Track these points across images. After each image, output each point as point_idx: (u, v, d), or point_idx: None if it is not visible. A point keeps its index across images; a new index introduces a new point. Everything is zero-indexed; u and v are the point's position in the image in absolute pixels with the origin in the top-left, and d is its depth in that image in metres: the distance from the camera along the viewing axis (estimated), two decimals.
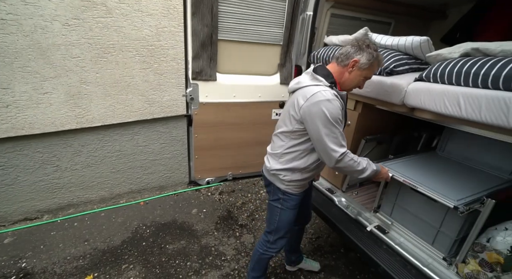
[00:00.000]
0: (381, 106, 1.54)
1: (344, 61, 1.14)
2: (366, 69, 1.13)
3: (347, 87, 1.18)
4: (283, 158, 1.23)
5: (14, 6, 1.65)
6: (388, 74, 1.44)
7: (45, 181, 2.14)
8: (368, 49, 1.11)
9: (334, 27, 2.09)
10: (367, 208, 1.66)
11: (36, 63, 1.82)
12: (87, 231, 2.06)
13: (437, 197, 1.15)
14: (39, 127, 1.97)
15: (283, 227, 1.37)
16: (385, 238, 1.41)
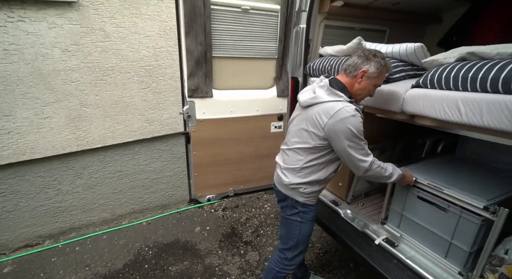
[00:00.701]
0: (381, 115, 1.51)
1: (353, 73, 1.17)
2: (375, 78, 1.16)
3: (358, 97, 1.21)
4: (302, 172, 1.22)
5: (17, 37, 1.71)
6: (385, 82, 1.42)
7: (47, 205, 2.13)
8: (375, 58, 1.14)
9: (328, 38, 2.10)
10: (374, 219, 1.60)
11: (37, 89, 1.86)
12: (88, 255, 2.02)
13: (466, 198, 1.10)
14: (40, 151, 1.98)
15: (303, 241, 1.34)
16: (395, 251, 1.34)
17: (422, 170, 1.37)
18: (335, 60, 1.77)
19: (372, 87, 1.19)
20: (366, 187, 1.87)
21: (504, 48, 0.99)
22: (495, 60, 0.99)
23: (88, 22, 1.89)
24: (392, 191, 1.45)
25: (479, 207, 1.05)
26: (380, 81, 1.20)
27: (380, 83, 1.21)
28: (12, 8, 1.65)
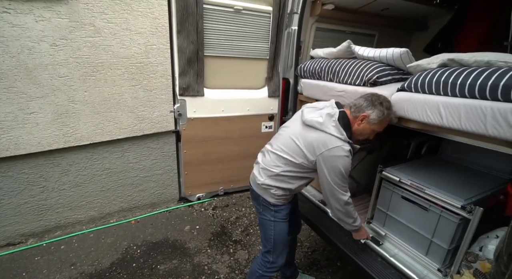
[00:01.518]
0: None
1: (356, 113, 1.21)
2: (375, 124, 1.19)
3: (356, 137, 1.24)
4: (277, 178, 1.26)
5: (1, 29, 1.66)
6: (372, 85, 1.46)
7: (31, 202, 2.07)
8: (380, 106, 1.17)
9: (319, 40, 2.14)
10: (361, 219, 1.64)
11: (22, 83, 1.81)
12: (74, 254, 1.98)
13: (446, 198, 1.16)
14: (25, 147, 1.93)
15: (280, 241, 1.36)
16: (380, 250, 1.38)
17: (407, 170, 1.42)
18: (325, 62, 1.80)
19: (371, 131, 1.22)
20: (353, 187, 1.91)
21: (480, 56, 1.04)
22: (472, 67, 1.04)
23: (78, 16, 1.86)
24: (378, 192, 1.50)
25: (457, 206, 1.10)
26: (380, 128, 1.23)
27: (380, 130, 1.23)
28: None
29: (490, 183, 1.31)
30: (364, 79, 1.49)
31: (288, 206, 1.35)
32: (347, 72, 1.62)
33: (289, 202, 1.37)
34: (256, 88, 1.94)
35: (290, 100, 2.16)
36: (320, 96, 1.86)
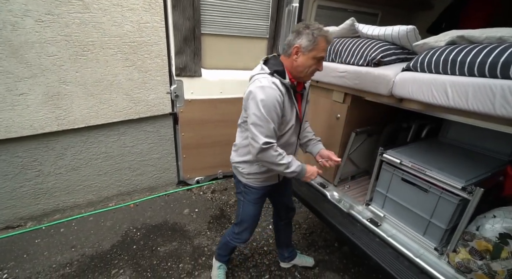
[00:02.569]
0: (370, 98, 1.53)
1: (288, 51, 1.11)
2: (312, 51, 1.06)
3: (301, 74, 1.12)
4: (240, 150, 1.25)
5: None
6: (376, 65, 1.42)
7: (27, 186, 2.05)
8: (306, 30, 1.05)
9: (321, 19, 2.05)
10: (359, 201, 1.66)
11: (8, 62, 1.72)
12: (74, 236, 1.99)
13: (446, 179, 1.16)
14: (16, 130, 1.87)
15: (246, 220, 1.40)
16: (378, 230, 1.41)
17: (407, 153, 1.41)
18: None
19: (313, 61, 1.08)
20: (352, 170, 1.92)
21: (492, 32, 0.99)
22: (483, 44, 1.00)
23: None
24: (378, 174, 1.50)
25: (458, 188, 1.10)
26: (320, 53, 1.07)
27: (321, 55, 1.08)
28: None
29: (489, 164, 1.32)
30: (367, 59, 1.44)
31: (259, 191, 1.31)
32: (349, 52, 1.57)
33: (264, 187, 1.31)
34: None
35: None
36: (320, 78, 1.81)
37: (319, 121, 1.92)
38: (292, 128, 1.19)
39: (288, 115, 1.13)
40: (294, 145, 1.29)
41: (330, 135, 1.84)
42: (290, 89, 1.10)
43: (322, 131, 1.90)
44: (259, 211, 1.42)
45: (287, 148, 1.22)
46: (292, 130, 1.20)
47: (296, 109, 1.16)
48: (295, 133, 1.24)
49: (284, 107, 1.08)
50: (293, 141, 1.26)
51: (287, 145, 1.23)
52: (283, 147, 1.19)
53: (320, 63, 1.12)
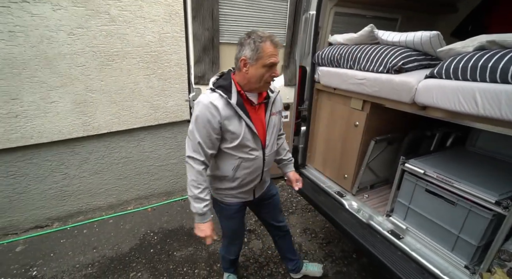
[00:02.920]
0: (390, 106, 1.48)
1: (237, 65, 1.07)
2: (258, 60, 1.01)
3: (257, 85, 1.07)
4: (210, 163, 1.18)
5: (22, 19, 1.69)
6: (397, 72, 1.38)
7: (55, 188, 2.17)
8: (247, 40, 1.01)
9: (338, 26, 2.03)
10: (379, 212, 1.59)
11: (43, 73, 1.86)
12: (95, 238, 2.07)
13: (477, 192, 1.08)
14: (47, 136, 2.00)
15: (227, 235, 1.42)
16: (400, 243, 1.34)
17: (432, 162, 1.34)
18: (345, 49, 1.71)
19: (264, 69, 1.02)
20: (372, 179, 1.85)
21: None
22: None
23: (93, 4, 1.85)
24: (399, 184, 1.44)
25: (491, 202, 1.03)
26: (268, 59, 1.01)
27: (270, 61, 1.01)
28: None
29: None
30: (387, 65, 1.40)
31: (232, 207, 1.26)
32: (369, 59, 1.53)
33: (237, 203, 1.26)
34: None
35: (307, 89, 2.09)
36: (338, 85, 1.78)
37: (336, 128, 1.89)
38: (247, 143, 1.10)
39: (235, 130, 1.06)
40: (258, 161, 1.17)
41: (348, 143, 1.80)
42: (236, 103, 1.04)
43: (339, 139, 1.86)
44: (238, 225, 1.37)
45: (250, 165, 1.15)
46: (248, 146, 1.11)
47: (246, 123, 1.07)
48: (255, 149, 1.14)
49: (224, 123, 1.04)
50: (254, 157, 1.15)
51: (248, 161, 1.14)
52: (245, 162, 1.14)
53: (272, 69, 1.05)
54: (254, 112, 1.13)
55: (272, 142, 1.22)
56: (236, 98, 1.05)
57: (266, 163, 1.21)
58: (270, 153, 1.22)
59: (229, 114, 1.04)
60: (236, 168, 1.14)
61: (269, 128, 1.17)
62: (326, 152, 2.05)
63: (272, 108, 1.18)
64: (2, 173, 1.95)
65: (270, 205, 1.44)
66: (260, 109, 1.15)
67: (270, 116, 1.17)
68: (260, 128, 1.14)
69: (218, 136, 1.07)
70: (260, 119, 1.14)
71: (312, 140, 2.18)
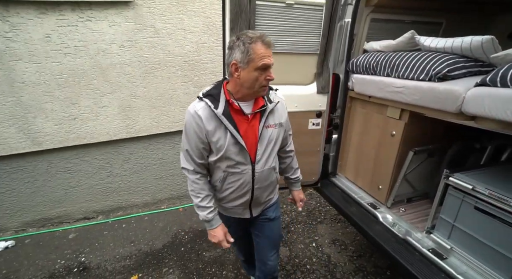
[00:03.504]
0: (432, 115, 1.39)
1: (228, 71, 1.00)
2: (250, 62, 0.93)
3: (252, 89, 0.99)
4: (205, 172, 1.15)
5: (84, 35, 1.93)
6: (441, 80, 1.30)
7: (100, 184, 2.40)
8: (236, 42, 0.94)
9: (374, 32, 1.98)
10: (418, 227, 1.49)
11: (97, 81, 2.09)
12: (133, 233, 2.23)
13: None
14: (97, 137, 2.23)
15: None
16: (444, 264, 1.23)
17: (482, 178, 1.23)
18: (382, 56, 1.66)
19: (257, 72, 0.94)
20: (409, 192, 1.74)
21: None
22: None
23: (141, 19, 2.05)
24: (442, 199, 1.34)
25: None
26: (260, 60, 0.93)
27: (262, 62, 0.93)
28: (82, 9, 1.86)
29: None
30: (430, 73, 1.33)
31: (225, 219, 1.19)
32: (408, 66, 1.47)
33: (230, 217, 1.22)
34: (304, 84, 1.89)
35: (339, 96, 2.06)
36: (374, 93, 1.73)
37: (370, 137, 1.83)
38: (232, 156, 1.02)
39: (219, 141, 0.99)
40: (246, 176, 1.08)
41: (383, 152, 1.73)
42: (222, 113, 0.97)
43: (373, 148, 1.79)
44: (237, 237, 1.26)
45: (236, 179, 1.07)
46: (233, 159, 1.03)
47: (232, 133, 0.99)
48: (242, 162, 1.05)
49: (208, 133, 0.98)
50: (240, 171, 1.06)
51: (234, 174, 1.07)
52: (231, 176, 1.07)
53: (267, 72, 0.97)
54: (246, 123, 1.03)
55: (267, 157, 1.09)
56: (223, 107, 0.98)
57: (256, 179, 1.09)
58: (263, 170, 1.09)
59: (213, 124, 0.98)
60: (222, 180, 1.08)
61: (262, 141, 1.05)
62: (358, 161, 1.98)
63: (269, 119, 1.06)
64: (61, 168, 2.21)
65: (266, 231, 1.27)
66: (255, 120, 1.05)
67: (264, 128, 1.05)
68: (252, 141, 1.04)
69: (206, 147, 1.02)
70: (253, 131, 1.04)
71: (343, 148, 2.13)
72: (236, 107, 1.00)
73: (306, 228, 2.24)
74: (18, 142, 2.04)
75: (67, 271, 1.84)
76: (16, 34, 1.79)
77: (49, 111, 2.04)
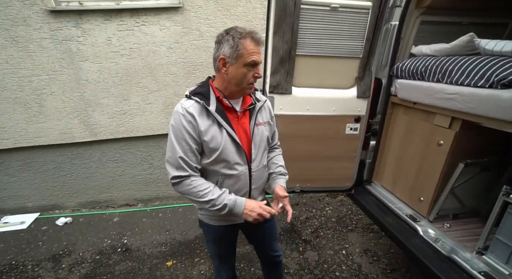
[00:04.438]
0: (490, 125, 1.28)
1: (215, 66, 0.96)
2: (239, 58, 0.90)
3: (240, 86, 0.95)
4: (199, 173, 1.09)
5: (138, 38, 2.12)
6: (505, 87, 1.19)
7: (142, 175, 2.60)
8: (226, 36, 0.90)
9: (423, 35, 1.87)
10: (466, 247, 1.38)
11: (146, 80, 2.28)
12: (168, 222, 2.39)
13: None
14: (143, 131, 2.43)
15: (214, 258, 1.25)
16: None
17: None
18: (432, 60, 1.57)
19: (245, 68, 0.91)
20: (456, 207, 1.62)
21: None
22: None
23: (188, 23, 2.19)
24: (499, 218, 1.22)
25: None
26: (250, 57, 0.90)
27: (252, 59, 0.90)
28: (139, 15, 2.06)
29: None
30: (492, 79, 1.23)
31: (216, 230, 1.11)
32: (464, 71, 1.38)
33: (222, 226, 1.11)
34: (344, 88, 1.86)
35: (380, 102, 1.99)
36: (420, 99, 1.65)
37: (413, 146, 1.73)
38: (229, 155, 0.97)
39: (213, 141, 0.94)
40: (243, 177, 1.03)
41: (427, 163, 1.63)
42: (215, 110, 0.93)
43: (416, 157, 1.70)
44: (225, 251, 1.21)
45: (233, 182, 1.02)
46: (229, 160, 0.98)
47: (228, 132, 0.95)
48: (239, 163, 1.00)
49: (201, 132, 0.92)
50: (238, 173, 1.01)
51: (231, 177, 1.01)
52: (228, 179, 1.01)
53: (255, 69, 0.94)
54: (237, 122, 1.00)
55: (260, 156, 1.07)
56: (215, 105, 0.94)
57: (253, 179, 1.05)
58: (258, 168, 1.07)
59: (206, 123, 0.93)
60: (218, 186, 1.00)
61: (255, 139, 1.03)
62: (397, 170, 1.89)
63: (258, 117, 1.05)
64: (110, 157, 2.46)
65: (263, 230, 1.24)
66: (244, 118, 1.02)
67: (255, 126, 1.03)
68: (244, 140, 1.01)
69: (198, 147, 0.95)
70: (244, 129, 1.01)
71: (381, 156, 2.04)
72: (226, 105, 0.97)
73: (336, 234, 2.19)
74: (79, 132, 2.31)
75: (112, 250, 2.04)
76: (85, 38, 2.04)
77: (105, 106, 2.28)
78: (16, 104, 2.17)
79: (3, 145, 2.27)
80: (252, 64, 0.92)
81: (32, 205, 2.55)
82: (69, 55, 2.09)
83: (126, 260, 1.94)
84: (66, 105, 2.23)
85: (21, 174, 2.42)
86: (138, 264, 1.90)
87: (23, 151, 2.34)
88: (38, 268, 1.88)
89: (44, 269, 1.87)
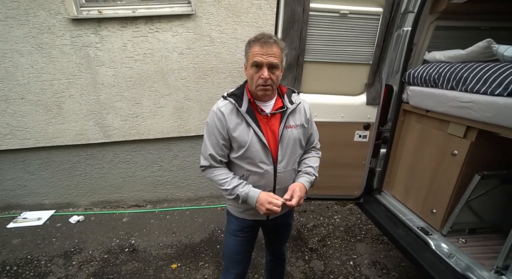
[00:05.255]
0: (509, 135, 1.22)
1: None
2: (248, 60, 1.01)
3: (252, 89, 1.04)
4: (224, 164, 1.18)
5: (152, 44, 2.20)
6: None
7: (151, 177, 2.66)
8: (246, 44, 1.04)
9: (437, 41, 1.82)
10: (483, 265, 1.29)
11: (158, 84, 2.35)
12: (175, 224, 2.41)
13: None
14: (153, 134, 2.49)
15: (226, 256, 1.27)
16: None
17: None
18: (446, 67, 1.52)
19: (252, 69, 0.99)
20: (472, 221, 1.53)
21: None
22: None
23: (200, 29, 2.25)
24: None
25: None
26: (253, 57, 0.97)
27: (253, 60, 0.97)
28: (153, 22, 2.13)
29: None
30: (511, 87, 1.17)
31: (239, 222, 1.18)
32: (481, 79, 1.32)
33: (245, 220, 1.16)
34: (353, 95, 1.82)
35: (391, 109, 1.94)
36: (433, 107, 1.59)
37: (425, 155, 1.67)
38: (254, 153, 1.03)
39: (241, 138, 1.01)
40: (268, 176, 1.06)
41: (441, 173, 1.56)
42: (245, 111, 1.01)
43: (428, 167, 1.63)
44: (241, 248, 1.21)
45: (258, 179, 1.07)
46: (255, 158, 1.03)
47: (254, 131, 1.01)
48: (264, 162, 1.04)
49: (230, 129, 1.01)
50: (263, 172, 1.05)
51: (256, 174, 1.06)
52: (253, 176, 1.07)
53: (259, 69, 0.98)
54: (265, 123, 1.05)
55: (288, 158, 1.09)
56: (246, 106, 1.03)
57: (278, 180, 1.08)
58: (285, 170, 1.09)
59: (235, 121, 1.02)
60: (244, 179, 1.08)
61: (283, 141, 1.06)
62: (409, 180, 1.82)
63: (289, 120, 1.07)
64: (121, 158, 2.54)
65: (281, 233, 1.32)
66: (274, 120, 1.06)
67: (284, 129, 1.05)
68: (271, 140, 1.05)
69: (226, 143, 1.05)
70: (272, 130, 1.06)
71: (392, 165, 1.98)
72: (257, 107, 1.06)
73: (344, 244, 2.13)
74: (94, 133, 2.41)
75: (120, 250, 2.09)
76: (103, 44, 2.15)
77: (118, 109, 2.36)
78: (38, 106, 2.30)
79: (25, 144, 2.40)
80: (254, 64, 0.98)
81: (49, 202, 2.66)
82: (87, 61, 2.20)
83: (132, 261, 1.97)
84: (82, 108, 2.33)
85: (40, 172, 2.54)
86: (144, 265, 1.93)
87: (42, 151, 2.47)
88: (50, 263, 1.96)
89: (56, 265, 1.95)
